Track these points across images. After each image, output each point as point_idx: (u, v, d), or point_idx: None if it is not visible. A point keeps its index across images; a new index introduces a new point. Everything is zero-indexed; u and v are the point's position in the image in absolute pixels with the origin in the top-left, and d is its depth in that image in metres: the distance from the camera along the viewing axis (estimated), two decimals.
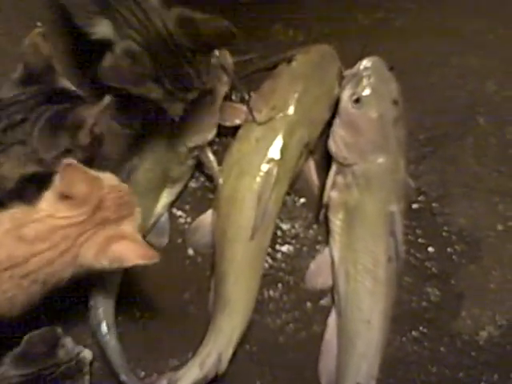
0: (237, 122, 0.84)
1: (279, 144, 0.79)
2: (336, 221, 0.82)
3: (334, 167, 0.82)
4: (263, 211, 0.78)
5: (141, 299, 0.83)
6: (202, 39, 0.67)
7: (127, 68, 0.65)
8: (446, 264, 0.86)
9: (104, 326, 0.78)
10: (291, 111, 0.80)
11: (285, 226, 0.86)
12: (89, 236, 0.65)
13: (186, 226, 0.85)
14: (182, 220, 0.86)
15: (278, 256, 0.85)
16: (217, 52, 0.78)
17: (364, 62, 0.81)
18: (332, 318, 0.82)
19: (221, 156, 0.84)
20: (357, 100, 0.80)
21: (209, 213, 0.84)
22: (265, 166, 0.79)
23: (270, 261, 0.85)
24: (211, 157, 0.83)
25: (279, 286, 0.84)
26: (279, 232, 0.86)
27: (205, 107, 0.80)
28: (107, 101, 0.67)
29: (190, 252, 0.85)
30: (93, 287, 0.79)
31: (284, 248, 0.86)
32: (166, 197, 0.83)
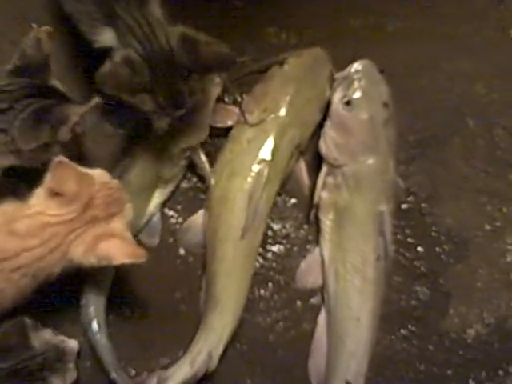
0: (229, 124, 0.85)
1: (270, 145, 0.80)
2: (326, 221, 0.83)
3: (325, 168, 0.83)
4: (254, 211, 0.79)
5: (132, 298, 0.83)
6: (202, 61, 0.68)
7: (125, 77, 0.65)
8: (435, 263, 0.87)
9: (95, 324, 0.79)
10: (283, 113, 0.81)
11: (276, 226, 0.87)
12: (78, 234, 0.66)
13: (178, 226, 0.86)
14: (174, 220, 0.86)
15: (269, 255, 0.86)
16: None
17: (355, 65, 0.82)
18: (322, 317, 0.83)
19: (213, 157, 0.85)
20: (347, 102, 0.81)
21: (200, 213, 0.84)
22: (256, 167, 0.80)
23: (261, 260, 0.86)
24: (203, 157, 0.84)
25: (270, 285, 0.85)
26: (270, 232, 0.86)
27: (197, 108, 0.80)
28: (94, 102, 0.68)
29: (182, 252, 0.85)
30: (84, 285, 0.80)
31: (275, 248, 0.86)
32: (158, 197, 0.84)
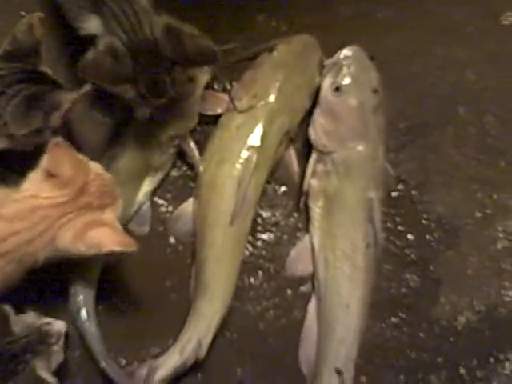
0: (218, 111, 0.84)
1: (259, 131, 0.80)
2: (316, 208, 0.83)
3: (314, 155, 0.83)
4: (243, 197, 0.78)
5: (122, 287, 0.83)
6: (185, 54, 0.67)
7: (107, 66, 0.65)
8: (425, 251, 0.86)
9: (84, 313, 0.78)
10: (272, 99, 0.81)
11: (265, 214, 0.86)
12: (69, 219, 0.65)
13: (168, 215, 0.85)
14: (164, 209, 0.86)
15: (259, 244, 0.86)
16: None
17: (344, 51, 0.81)
18: (312, 304, 0.82)
19: (202, 145, 0.84)
20: (337, 88, 0.81)
21: (190, 201, 0.84)
22: (245, 153, 0.79)
23: (251, 248, 0.85)
24: (192, 145, 0.83)
25: (260, 273, 0.85)
26: (260, 220, 0.86)
27: (186, 96, 0.80)
28: (86, 89, 0.69)
29: (172, 240, 0.85)
30: (73, 274, 0.79)
31: (264, 236, 0.86)
32: (148, 185, 0.84)
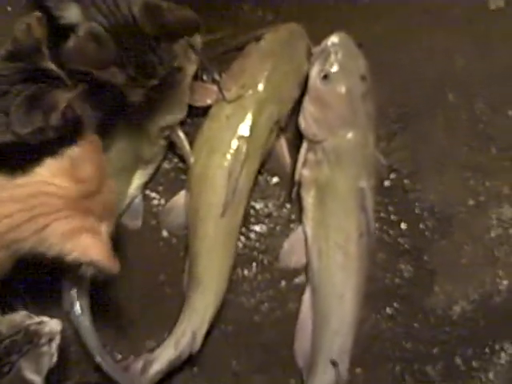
0: (208, 102, 0.84)
1: (249, 121, 0.79)
2: (308, 198, 0.82)
3: (305, 145, 0.83)
4: (234, 187, 0.78)
5: (115, 281, 0.81)
6: (167, 28, 0.67)
7: (91, 51, 0.65)
8: (419, 240, 0.86)
9: (77, 308, 0.78)
10: (260, 89, 0.80)
11: (258, 206, 0.86)
12: (67, 215, 0.65)
13: (160, 208, 0.85)
14: (156, 202, 0.85)
15: (252, 235, 0.85)
16: None
17: (331, 38, 0.81)
18: (306, 296, 0.82)
19: (192, 137, 0.84)
20: (325, 76, 0.80)
21: (182, 194, 0.83)
22: (234, 143, 0.79)
23: (244, 240, 0.85)
24: (182, 136, 0.83)
25: (253, 265, 0.85)
26: (253, 211, 0.86)
27: (174, 86, 0.80)
28: (81, 88, 0.69)
29: (164, 234, 0.85)
30: (67, 269, 0.78)
31: (257, 227, 0.86)
32: (139, 178, 0.83)
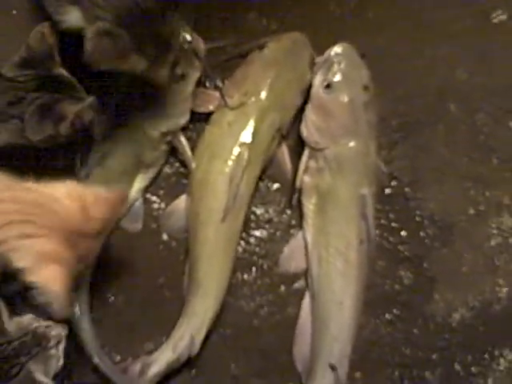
0: (210, 108, 0.84)
1: (251, 128, 0.80)
2: (309, 205, 0.83)
3: (307, 152, 0.83)
4: (235, 193, 0.78)
5: (115, 284, 0.83)
6: None
7: (109, 46, 0.66)
8: (419, 248, 0.86)
9: (77, 309, 0.78)
10: (263, 96, 0.81)
11: (258, 211, 0.86)
12: (53, 237, 0.64)
13: (160, 212, 0.85)
14: (156, 205, 0.86)
15: (252, 240, 0.86)
16: (189, 37, 0.79)
17: (334, 48, 0.82)
18: (306, 301, 0.82)
19: (194, 142, 0.85)
20: (327, 85, 0.81)
21: (183, 198, 0.84)
22: (236, 150, 0.79)
23: (244, 245, 0.85)
24: (184, 142, 0.83)
25: (253, 270, 0.85)
26: (253, 217, 0.86)
27: (177, 92, 0.81)
28: (89, 102, 0.71)
29: (165, 237, 0.85)
30: None
31: (258, 232, 0.86)
32: (140, 182, 0.84)
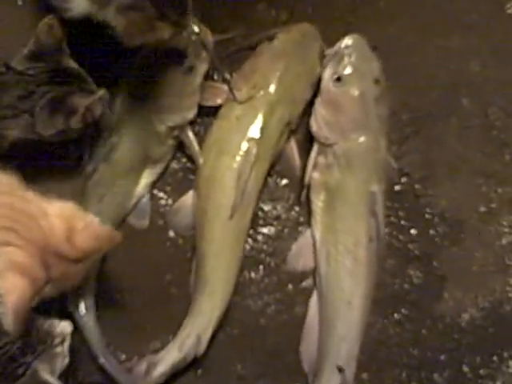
0: (218, 102, 0.82)
1: (259, 123, 0.78)
2: (317, 202, 0.81)
3: (316, 148, 0.81)
4: (243, 190, 0.77)
5: (121, 282, 0.82)
6: None
7: (138, 19, 0.64)
8: (429, 246, 0.85)
9: (82, 307, 0.77)
10: (272, 90, 0.79)
11: (266, 208, 0.85)
12: (29, 250, 0.62)
13: (167, 208, 0.84)
14: (163, 201, 0.84)
15: (260, 238, 0.84)
16: (197, 28, 0.77)
17: (345, 40, 0.79)
18: (313, 300, 0.81)
19: (202, 137, 0.83)
20: (338, 79, 0.79)
21: (190, 194, 0.82)
22: (244, 145, 0.78)
23: (252, 242, 0.84)
24: (192, 136, 0.82)
25: (260, 268, 0.83)
26: (261, 213, 0.85)
27: (184, 85, 0.79)
28: (100, 94, 0.71)
29: (171, 234, 0.84)
30: None
31: (265, 229, 0.85)
32: (147, 177, 0.82)
